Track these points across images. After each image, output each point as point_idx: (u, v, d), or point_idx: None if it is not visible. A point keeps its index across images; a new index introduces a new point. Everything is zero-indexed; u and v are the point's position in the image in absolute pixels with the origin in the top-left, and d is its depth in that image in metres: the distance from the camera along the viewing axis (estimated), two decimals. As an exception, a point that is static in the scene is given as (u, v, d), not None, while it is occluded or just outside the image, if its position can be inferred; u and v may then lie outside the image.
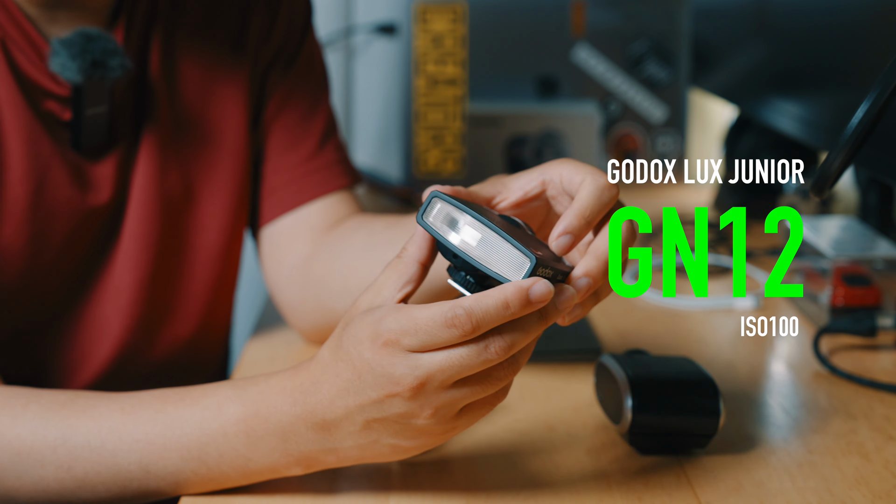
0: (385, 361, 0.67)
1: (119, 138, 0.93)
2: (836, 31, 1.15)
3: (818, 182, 0.82)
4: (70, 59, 0.85)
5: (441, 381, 0.66)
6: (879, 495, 0.75)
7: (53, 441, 0.74)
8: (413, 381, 0.66)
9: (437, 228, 0.70)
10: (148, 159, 0.94)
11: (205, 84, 0.98)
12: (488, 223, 0.68)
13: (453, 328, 0.65)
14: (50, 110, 0.88)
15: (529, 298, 0.65)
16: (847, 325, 1.02)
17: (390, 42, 1.71)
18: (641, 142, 1.69)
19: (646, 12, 1.66)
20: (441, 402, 0.67)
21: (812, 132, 1.19)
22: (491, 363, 0.66)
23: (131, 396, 0.76)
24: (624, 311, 1.15)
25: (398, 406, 0.68)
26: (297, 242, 1.03)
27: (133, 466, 0.74)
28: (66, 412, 0.75)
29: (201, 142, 0.98)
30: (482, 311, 0.65)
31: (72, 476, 0.74)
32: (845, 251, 1.08)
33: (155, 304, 0.96)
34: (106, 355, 0.95)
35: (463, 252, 0.68)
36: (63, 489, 0.74)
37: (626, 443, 0.82)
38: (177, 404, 0.75)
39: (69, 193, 0.90)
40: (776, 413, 0.89)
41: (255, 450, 0.73)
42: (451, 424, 0.69)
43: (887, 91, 0.77)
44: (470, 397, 0.68)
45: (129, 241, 0.94)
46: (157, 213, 0.95)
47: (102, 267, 0.94)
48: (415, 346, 0.66)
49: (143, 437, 0.74)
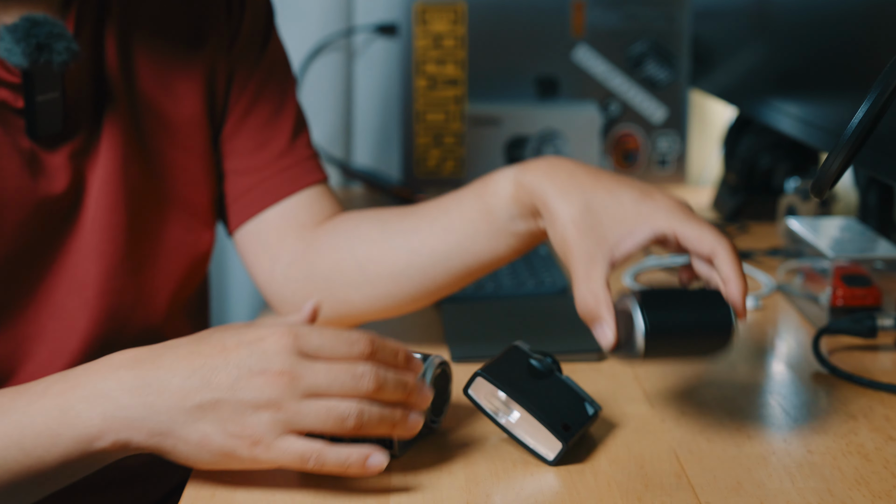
0: (276, 342, 0.74)
1: (76, 128, 0.93)
2: (836, 32, 1.15)
3: (818, 182, 0.82)
4: (14, 43, 0.85)
5: (308, 384, 0.73)
6: (879, 495, 0.75)
7: None
8: (286, 367, 0.73)
9: (480, 402, 0.82)
10: (110, 150, 0.94)
11: (162, 78, 0.99)
12: (525, 404, 0.80)
13: (353, 345, 0.75)
14: (3, 99, 0.88)
15: (410, 367, 0.77)
16: (847, 326, 1.02)
17: (390, 42, 1.71)
18: (641, 142, 1.69)
19: (646, 12, 1.66)
20: (290, 404, 0.72)
21: (812, 132, 1.19)
22: (357, 393, 0.73)
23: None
24: (624, 311, 1.15)
25: (252, 390, 0.72)
26: (289, 238, 1.04)
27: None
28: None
29: (163, 134, 0.99)
30: (381, 341, 0.76)
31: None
32: (845, 251, 1.08)
33: (122, 296, 0.96)
34: (75, 348, 0.94)
35: (506, 428, 0.81)
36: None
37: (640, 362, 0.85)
38: (13, 396, 0.76)
39: (21, 182, 0.89)
40: (776, 413, 0.89)
41: (63, 422, 0.73)
42: (274, 436, 0.73)
43: (887, 91, 0.77)
44: (313, 419, 0.73)
45: (92, 232, 0.94)
46: (120, 203, 0.95)
47: (62, 258, 0.93)
48: (312, 347, 0.74)
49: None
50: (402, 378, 0.76)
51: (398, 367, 0.77)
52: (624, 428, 0.86)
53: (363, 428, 0.74)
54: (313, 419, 0.73)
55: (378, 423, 0.74)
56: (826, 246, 1.09)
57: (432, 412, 0.83)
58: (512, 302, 1.16)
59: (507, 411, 0.81)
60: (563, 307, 1.13)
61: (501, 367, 0.82)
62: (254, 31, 1.06)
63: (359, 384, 0.74)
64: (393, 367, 0.76)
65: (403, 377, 0.76)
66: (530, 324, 1.11)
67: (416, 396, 0.76)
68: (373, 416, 0.74)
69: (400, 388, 0.76)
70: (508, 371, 0.82)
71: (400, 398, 0.76)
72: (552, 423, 0.78)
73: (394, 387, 0.75)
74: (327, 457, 0.73)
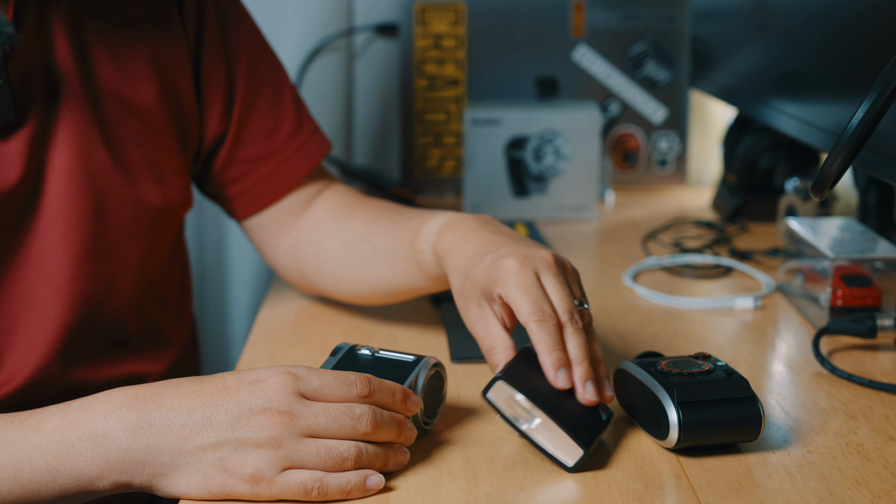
0: (276, 382, 0.75)
1: (28, 116, 0.92)
2: (835, 32, 1.15)
3: (818, 182, 0.82)
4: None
5: (307, 424, 0.74)
6: (879, 495, 0.75)
7: None
8: (286, 407, 0.74)
9: (499, 406, 0.80)
10: (68, 136, 0.94)
11: (118, 63, 0.99)
12: (546, 409, 0.79)
13: (351, 386, 0.76)
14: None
15: (407, 405, 0.79)
16: (847, 326, 1.02)
17: (390, 43, 1.71)
18: (641, 142, 1.69)
19: (646, 12, 1.66)
20: (290, 443, 0.73)
21: (812, 132, 1.19)
22: (355, 434, 0.75)
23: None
24: (624, 311, 1.15)
25: (253, 429, 0.73)
26: (282, 228, 1.11)
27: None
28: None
29: (126, 117, 0.99)
30: (378, 382, 0.78)
31: None
32: (845, 251, 1.08)
33: (94, 281, 0.96)
34: (51, 336, 0.94)
35: (525, 434, 0.80)
36: None
37: (637, 445, 0.82)
38: (5, 426, 0.76)
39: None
40: (776, 413, 0.89)
41: (63, 459, 0.74)
42: (274, 473, 0.73)
43: (887, 91, 0.78)
44: (313, 458, 0.74)
45: (57, 219, 0.94)
46: (84, 189, 0.95)
47: (27, 247, 0.93)
48: (311, 389, 0.76)
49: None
50: (398, 417, 0.78)
51: (395, 407, 0.79)
52: (624, 428, 0.86)
53: (361, 466, 0.75)
54: (313, 458, 0.74)
55: (374, 461, 0.76)
56: (826, 246, 1.09)
57: (426, 414, 0.84)
58: (512, 302, 1.16)
59: (528, 417, 0.80)
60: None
61: (519, 371, 0.81)
62: (221, 19, 1.06)
63: (357, 425, 0.75)
64: (390, 406, 0.78)
65: (398, 417, 0.78)
66: (530, 324, 1.11)
67: (406, 433, 0.79)
68: (370, 455, 0.76)
69: (395, 427, 0.77)
70: (527, 375, 0.81)
71: (394, 437, 0.77)
72: (574, 430, 0.78)
73: (389, 426, 0.77)
74: (329, 484, 0.74)
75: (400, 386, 0.79)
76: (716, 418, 0.80)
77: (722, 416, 0.81)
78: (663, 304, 1.17)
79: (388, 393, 0.78)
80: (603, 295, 1.20)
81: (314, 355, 1.03)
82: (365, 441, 0.76)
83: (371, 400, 0.77)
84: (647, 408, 0.83)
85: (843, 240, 1.12)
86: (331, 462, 0.74)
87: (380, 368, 0.83)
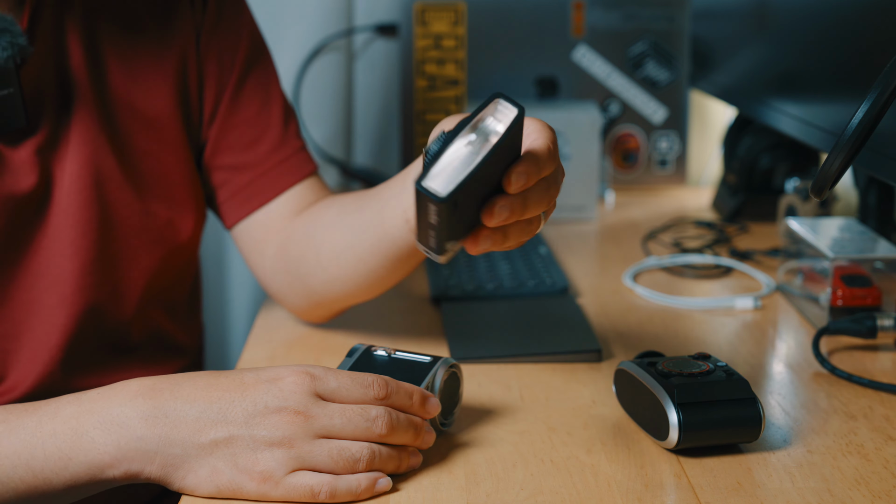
0: (294, 382, 0.75)
1: (40, 124, 0.93)
2: (835, 32, 1.15)
3: (818, 183, 0.82)
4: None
5: (322, 425, 0.74)
6: (879, 495, 0.75)
7: None
8: (301, 407, 0.74)
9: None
10: (79, 144, 0.94)
11: (132, 71, 0.99)
12: None
13: (368, 388, 0.76)
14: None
15: (426, 408, 0.79)
16: (847, 326, 1.02)
17: (390, 43, 1.71)
18: (641, 142, 1.69)
19: (646, 12, 1.66)
20: (303, 444, 0.73)
21: (812, 132, 1.19)
22: (370, 436, 0.75)
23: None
24: (624, 311, 1.15)
25: (267, 427, 0.73)
26: (272, 233, 1.06)
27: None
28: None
29: (137, 126, 0.99)
30: (396, 384, 0.77)
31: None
32: (845, 251, 1.08)
33: (100, 290, 0.96)
34: (55, 344, 0.94)
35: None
36: None
37: (633, 444, 0.83)
38: (20, 413, 0.75)
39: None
40: (776, 413, 0.89)
41: (76, 446, 0.73)
42: (283, 473, 0.73)
43: (887, 91, 0.78)
44: (325, 459, 0.73)
45: (65, 228, 0.94)
46: (93, 198, 0.95)
47: (35, 255, 0.93)
48: (328, 389, 0.75)
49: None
50: (414, 420, 0.77)
51: (413, 410, 0.78)
52: (624, 428, 0.86)
53: (373, 468, 0.75)
54: (325, 459, 0.73)
55: (387, 463, 0.76)
56: (826, 246, 1.09)
57: (442, 415, 0.84)
58: (512, 302, 1.16)
59: None
60: (563, 307, 1.13)
61: None
62: (221, 20, 1.05)
63: (372, 427, 0.75)
64: (408, 409, 0.78)
65: (414, 420, 0.78)
66: (530, 324, 1.11)
67: (423, 437, 0.78)
68: (383, 457, 0.75)
69: (411, 430, 0.77)
70: None
71: (410, 441, 0.77)
72: None
73: (405, 429, 0.76)
74: (339, 488, 0.73)
75: (418, 388, 0.79)
76: (716, 419, 0.80)
77: (722, 416, 0.81)
78: (663, 304, 1.17)
79: (405, 395, 0.78)
80: (603, 295, 1.20)
81: (314, 355, 1.03)
82: (379, 443, 0.76)
83: (388, 402, 0.77)
84: (647, 408, 0.83)
85: (843, 240, 1.12)
86: (342, 463, 0.74)
87: (396, 369, 0.83)
